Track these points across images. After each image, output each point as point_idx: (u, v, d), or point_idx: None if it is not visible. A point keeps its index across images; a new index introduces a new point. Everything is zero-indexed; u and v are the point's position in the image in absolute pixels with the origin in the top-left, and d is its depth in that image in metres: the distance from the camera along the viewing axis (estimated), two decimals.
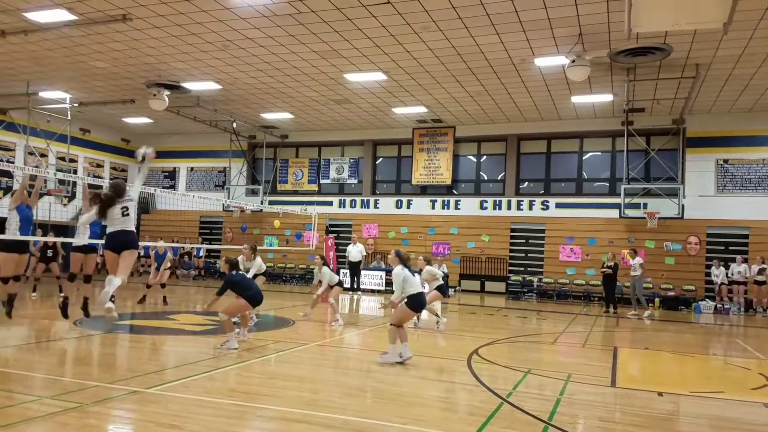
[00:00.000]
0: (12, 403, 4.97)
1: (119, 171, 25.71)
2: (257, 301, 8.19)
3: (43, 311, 11.28)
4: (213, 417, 4.83)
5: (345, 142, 23.11)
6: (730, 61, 13.69)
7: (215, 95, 18.50)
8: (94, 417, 4.69)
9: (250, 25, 12.66)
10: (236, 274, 8.14)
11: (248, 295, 8.06)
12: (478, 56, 13.94)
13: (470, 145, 21.58)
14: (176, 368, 6.75)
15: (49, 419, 4.56)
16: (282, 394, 5.69)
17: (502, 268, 20.04)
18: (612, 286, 15.80)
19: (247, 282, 8.32)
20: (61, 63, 15.78)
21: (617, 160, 19.54)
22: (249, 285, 8.26)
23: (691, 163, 18.54)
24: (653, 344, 10.45)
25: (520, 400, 5.76)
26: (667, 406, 6.01)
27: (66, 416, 4.65)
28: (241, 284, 8.15)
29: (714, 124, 18.35)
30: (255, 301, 8.14)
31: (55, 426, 4.45)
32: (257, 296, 8.18)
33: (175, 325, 9.92)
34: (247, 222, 23.63)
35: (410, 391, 6.16)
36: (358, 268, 18.44)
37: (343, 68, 15.29)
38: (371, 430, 4.69)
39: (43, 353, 7.53)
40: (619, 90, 16.18)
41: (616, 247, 18.84)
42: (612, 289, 15.83)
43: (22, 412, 4.71)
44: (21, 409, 4.79)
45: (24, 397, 5.14)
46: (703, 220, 18.24)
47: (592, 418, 5.42)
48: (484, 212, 20.86)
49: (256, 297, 8.15)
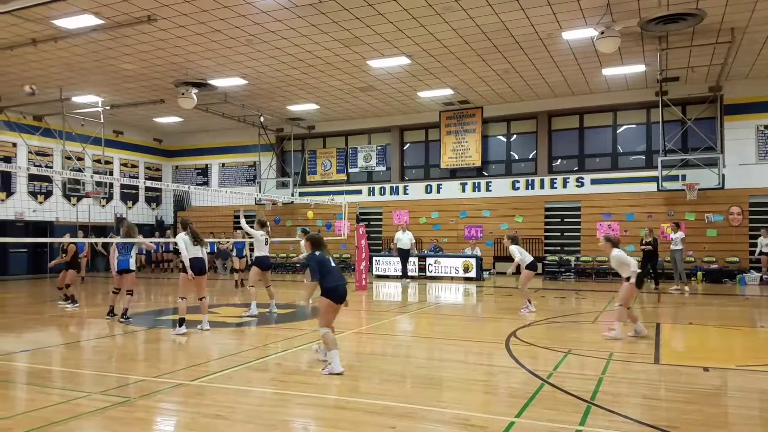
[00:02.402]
0: (63, 399, 5.15)
1: (153, 170, 26.25)
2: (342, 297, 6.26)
3: (87, 310, 11.63)
4: (256, 406, 4.91)
5: (371, 130, 23.07)
6: (766, 22, 13.10)
7: (242, 90, 18.66)
8: (142, 410, 4.83)
9: (272, 18, 12.68)
10: (320, 255, 6.30)
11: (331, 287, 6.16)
12: (503, 33, 13.68)
13: (499, 125, 21.28)
14: (219, 360, 6.89)
15: (99, 414, 4.71)
16: (322, 382, 5.75)
17: (537, 248, 19.77)
18: (654, 262, 15.48)
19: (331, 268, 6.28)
20: (91, 67, 16.12)
21: (653, 131, 18.99)
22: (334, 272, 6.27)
23: (730, 131, 17.90)
24: (697, 319, 10.19)
25: (561, 380, 5.69)
26: (714, 381, 5.85)
27: (115, 411, 4.79)
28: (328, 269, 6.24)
29: (753, 89, 17.64)
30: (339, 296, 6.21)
31: (105, 420, 4.59)
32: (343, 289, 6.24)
33: (216, 318, 10.11)
34: (279, 214, 23.88)
35: (450, 375, 6.15)
36: (407, 256, 18.03)
37: (366, 55, 15.21)
38: (412, 414, 4.70)
39: (90, 351, 7.78)
40: (651, 60, 15.68)
41: (655, 221, 18.38)
42: (654, 264, 15.50)
43: (73, 408, 4.88)
44: (72, 405, 4.96)
45: (74, 393, 5.31)
46: (745, 189, 17.63)
47: (636, 396, 5.32)
48: (516, 192, 20.60)
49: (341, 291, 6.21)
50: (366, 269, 14.94)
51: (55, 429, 4.35)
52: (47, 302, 13.24)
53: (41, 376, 6.12)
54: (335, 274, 6.26)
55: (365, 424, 4.44)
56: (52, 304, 12.41)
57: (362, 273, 15.10)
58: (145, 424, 4.56)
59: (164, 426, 4.64)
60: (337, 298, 6.20)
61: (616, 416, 4.61)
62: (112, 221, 23.32)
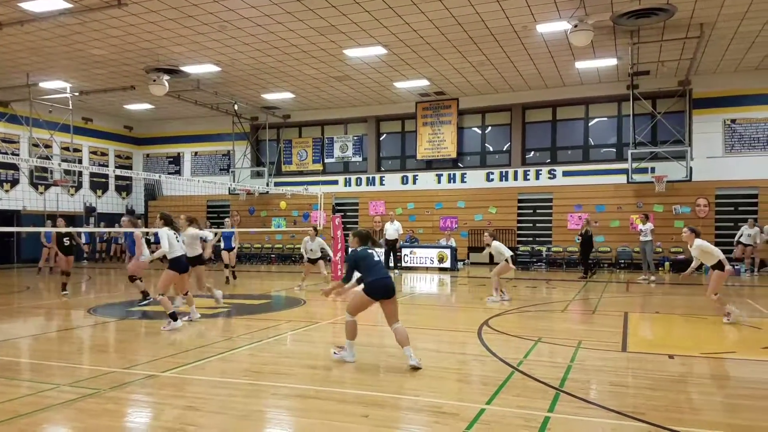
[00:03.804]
0: (31, 392, 5.06)
1: (124, 159, 25.76)
2: (381, 292, 5.90)
3: (57, 301, 11.42)
4: (229, 397, 4.90)
5: (348, 120, 22.99)
6: (734, 18, 13.41)
7: (215, 78, 18.39)
8: (113, 402, 4.78)
9: (246, 4, 12.51)
10: (362, 251, 6.09)
11: (368, 282, 5.91)
12: (478, 25, 13.73)
13: (474, 117, 21.40)
14: (191, 351, 6.84)
15: (68, 406, 4.65)
16: (296, 372, 5.75)
17: (510, 238, 20.01)
18: (588, 251, 16.18)
19: (373, 263, 6.02)
20: (59, 52, 15.70)
21: (623, 124, 19.33)
22: (375, 268, 5.99)
23: (698, 124, 18.32)
24: (664, 308, 10.46)
25: (531, 368, 5.80)
26: (679, 369, 6.03)
27: (84, 402, 4.73)
28: (367, 263, 6.00)
29: (720, 83, 18.07)
30: (377, 291, 5.89)
31: (74, 412, 4.53)
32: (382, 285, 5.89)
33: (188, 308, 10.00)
34: (254, 204, 23.69)
35: (423, 363, 6.21)
36: (394, 247, 17.95)
37: (342, 44, 15.12)
38: (385, 403, 4.74)
39: (59, 342, 7.65)
40: (623, 53, 15.93)
41: (624, 213, 18.78)
42: (587, 253, 16.19)
43: (41, 400, 4.80)
44: (40, 397, 4.88)
45: (42, 385, 5.23)
46: (712, 181, 18.09)
47: (603, 383, 5.46)
48: (490, 184, 20.78)
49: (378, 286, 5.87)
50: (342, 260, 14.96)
51: (23, 421, 4.28)
52: (14, 293, 12.95)
53: (9, 368, 6.00)
54: (378, 269, 5.99)
55: (337, 413, 4.47)
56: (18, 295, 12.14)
57: (338, 264, 15.09)
58: (115, 415, 4.51)
59: (135, 417, 4.60)
60: (377, 293, 5.90)
61: (584, 403, 4.72)
62: (81, 210, 22.85)
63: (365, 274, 5.98)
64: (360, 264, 6.01)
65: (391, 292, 5.95)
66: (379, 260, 6.14)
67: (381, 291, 5.90)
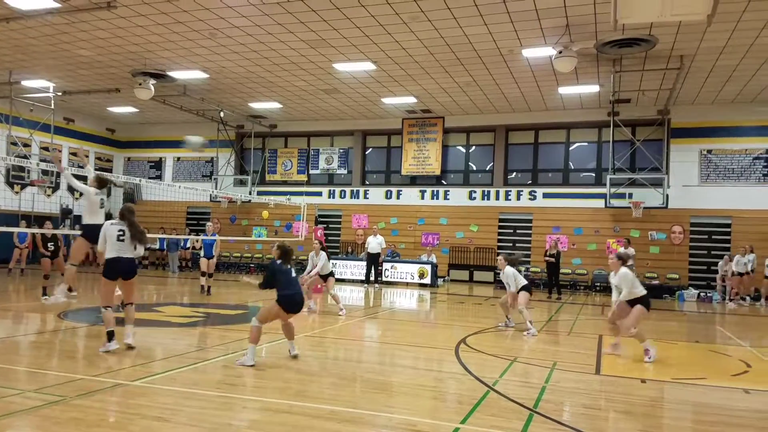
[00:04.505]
0: None
1: (104, 161, 25.43)
2: (293, 306, 6.58)
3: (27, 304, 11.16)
4: (200, 409, 4.82)
5: (334, 132, 23.03)
6: (713, 52, 13.78)
7: (202, 84, 18.32)
8: (78, 410, 4.67)
9: (238, 14, 12.52)
10: (281, 265, 6.67)
11: (283, 295, 6.52)
12: (466, 47, 13.91)
13: (459, 136, 21.59)
14: (162, 360, 6.73)
15: (32, 413, 4.53)
16: (270, 386, 5.69)
17: (490, 257, 20.14)
18: (556, 273, 16.36)
19: (290, 278, 6.68)
20: (44, 51, 15.53)
21: (603, 150, 19.65)
22: (291, 283, 6.66)
23: (675, 153, 18.70)
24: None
25: (507, 388, 5.82)
26: (651, 393, 6.09)
27: (49, 410, 4.62)
28: (285, 278, 6.61)
29: (698, 114, 18.51)
30: (290, 304, 6.56)
31: (37, 419, 4.42)
32: (295, 299, 6.56)
33: (161, 317, 9.87)
34: (235, 213, 23.52)
35: (399, 380, 6.20)
36: (376, 260, 17.89)
37: (332, 58, 15.19)
38: (359, 419, 4.71)
39: (26, 346, 7.47)
40: (605, 81, 16.25)
41: (601, 236, 19.02)
42: (557, 275, 16.39)
43: (5, 406, 4.67)
44: (3, 403, 4.75)
45: (6, 391, 5.09)
46: (687, 209, 18.44)
47: (576, 405, 5.49)
48: (472, 202, 20.92)
49: (292, 300, 6.53)
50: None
51: None
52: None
53: None
54: (294, 283, 6.67)
55: (311, 429, 4.42)
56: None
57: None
58: (81, 424, 4.41)
59: (101, 427, 4.50)
60: (291, 307, 6.59)
61: (557, 425, 4.74)
62: (57, 212, 22.46)
63: (282, 286, 6.55)
64: (278, 277, 6.59)
65: (301, 306, 6.68)
66: (295, 276, 6.78)
67: (294, 305, 6.58)
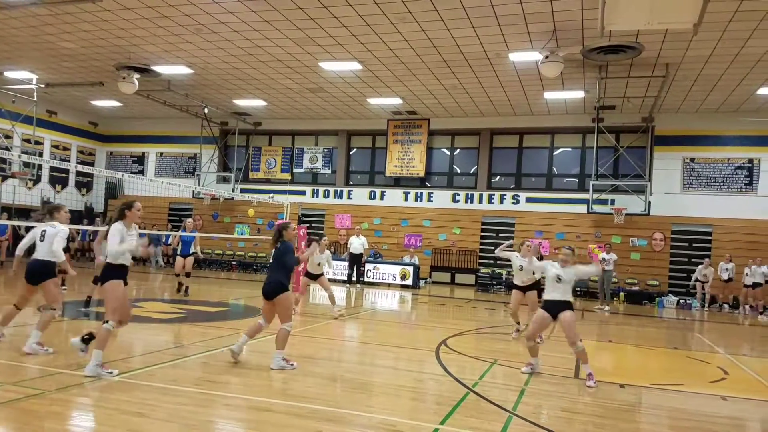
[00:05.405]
0: None
1: (86, 155, 25.10)
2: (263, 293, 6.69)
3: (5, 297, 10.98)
4: (180, 405, 4.79)
5: (319, 132, 22.97)
6: (699, 61, 14.01)
7: (187, 80, 18.17)
8: (58, 404, 4.61)
9: (224, 9, 12.44)
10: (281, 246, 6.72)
11: None
12: (453, 49, 13.97)
13: (444, 138, 21.67)
14: (142, 356, 6.67)
15: (10, 406, 4.47)
16: (251, 383, 5.67)
17: (472, 260, 20.23)
18: None
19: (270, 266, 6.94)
20: (28, 43, 15.29)
21: (587, 156, 19.86)
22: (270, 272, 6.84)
23: (658, 160, 18.96)
24: (617, 337, 10.71)
25: (486, 390, 5.86)
26: (629, 398, 6.18)
27: (27, 403, 4.56)
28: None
29: (682, 123, 18.78)
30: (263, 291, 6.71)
31: (16, 412, 4.36)
32: (265, 288, 6.67)
33: (142, 312, 9.77)
34: (218, 210, 23.35)
35: (380, 381, 6.21)
36: (359, 261, 17.82)
37: (318, 56, 15.16)
38: (339, 419, 4.71)
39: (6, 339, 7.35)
40: (590, 87, 16.42)
41: (583, 242, 19.17)
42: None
43: None
44: None
45: None
46: (669, 216, 18.69)
47: (554, 408, 5.54)
48: (456, 205, 21.01)
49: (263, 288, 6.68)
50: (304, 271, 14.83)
51: None
52: None
53: None
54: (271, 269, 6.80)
55: (291, 428, 4.42)
56: None
57: (300, 275, 14.94)
58: (60, 418, 4.36)
59: (80, 421, 4.45)
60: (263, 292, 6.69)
61: (535, 427, 4.79)
62: (37, 205, 22.10)
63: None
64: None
65: (270, 295, 6.58)
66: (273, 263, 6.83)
67: (264, 293, 6.63)
